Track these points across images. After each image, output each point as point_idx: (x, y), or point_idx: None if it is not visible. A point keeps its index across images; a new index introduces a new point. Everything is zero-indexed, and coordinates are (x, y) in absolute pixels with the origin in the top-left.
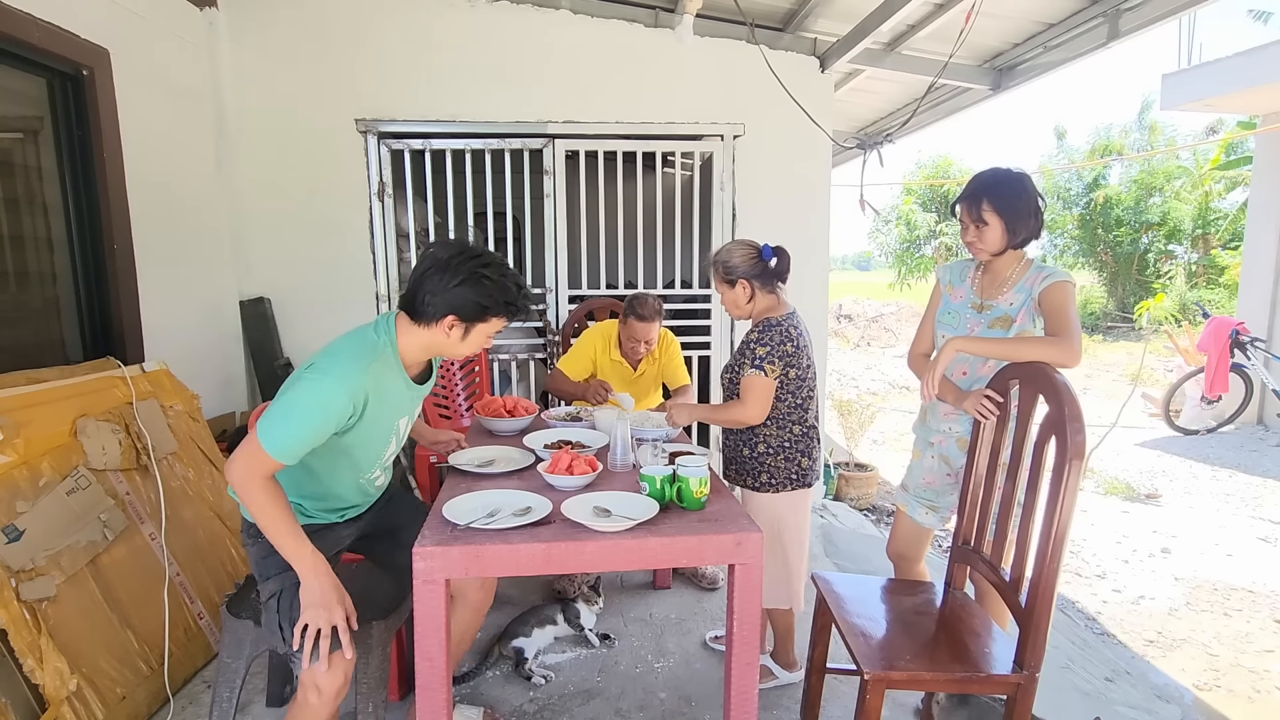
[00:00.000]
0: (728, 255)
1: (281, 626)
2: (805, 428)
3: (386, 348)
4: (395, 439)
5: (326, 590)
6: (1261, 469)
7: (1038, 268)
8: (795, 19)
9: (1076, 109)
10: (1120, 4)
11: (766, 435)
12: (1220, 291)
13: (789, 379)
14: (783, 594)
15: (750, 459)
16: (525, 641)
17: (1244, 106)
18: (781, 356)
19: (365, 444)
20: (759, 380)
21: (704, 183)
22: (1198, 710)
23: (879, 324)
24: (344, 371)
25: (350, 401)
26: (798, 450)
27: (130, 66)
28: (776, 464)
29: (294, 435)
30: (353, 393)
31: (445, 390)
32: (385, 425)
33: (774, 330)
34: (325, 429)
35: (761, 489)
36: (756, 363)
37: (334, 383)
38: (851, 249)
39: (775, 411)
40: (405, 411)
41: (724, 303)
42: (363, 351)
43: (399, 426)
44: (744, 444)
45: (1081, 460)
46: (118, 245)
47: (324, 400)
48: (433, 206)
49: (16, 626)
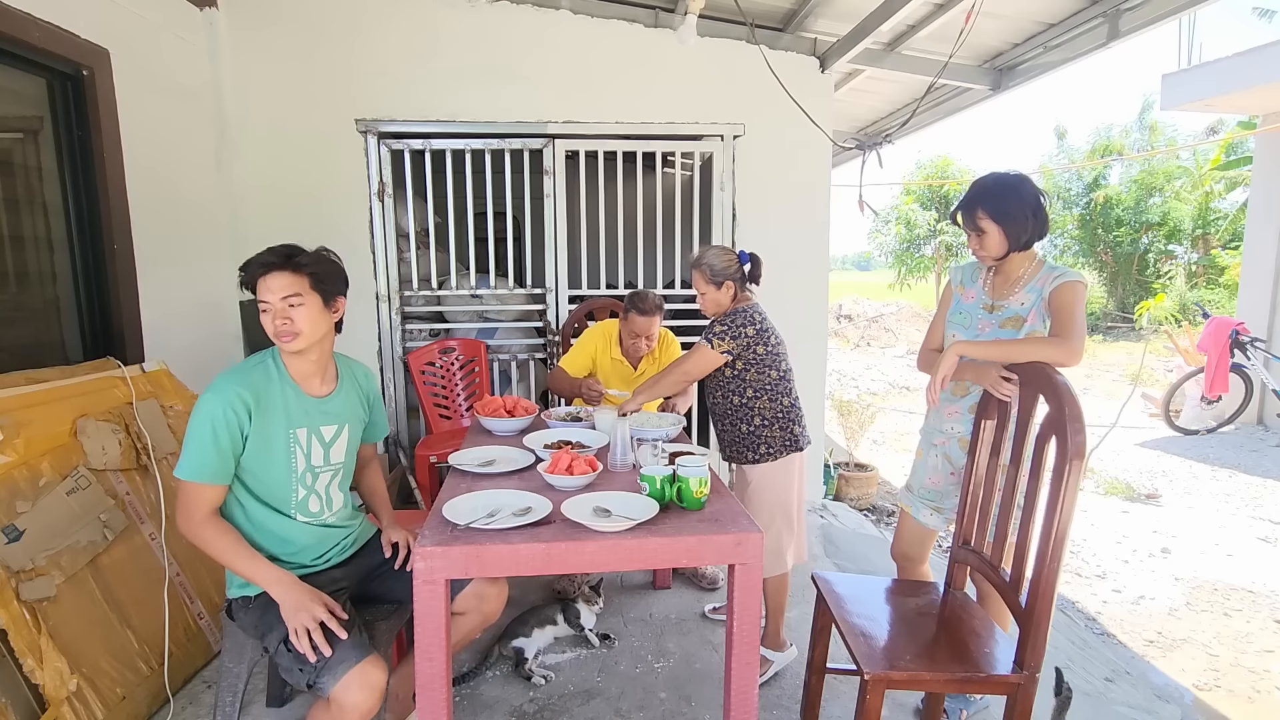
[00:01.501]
0: (714, 259)
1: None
2: (792, 399)
3: (267, 359)
4: (301, 452)
5: (297, 595)
6: (1261, 469)
7: (1050, 268)
8: (795, 19)
9: (1076, 109)
10: (1120, 4)
11: (761, 408)
12: (1220, 291)
13: (758, 355)
14: (787, 557)
15: (748, 434)
16: (525, 641)
17: (1244, 106)
18: (737, 337)
19: (266, 462)
20: (704, 349)
21: (704, 183)
22: (1198, 710)
23: (879, 324)
24: (218, 384)
25: (228, 406)
26: (790, 419)
27: (130, 66)
28: (772, 434)
29: (192, 453)
30: (228, 399)
31: (445, 390)
32: (278, 436)
33: (736, 315)
34: (219, 440)
35: (761, 460)
36: (708, 337)
37: (211, 395)
38: (851, 249)
39: (766, 382)
40: (301, 423)
41: (704, 302)
42: (240, 367)
43: (298, 437)
44: (741, 420)
45: (1082, 460)
46: (118, 245)
47: (205, 412)
48: (433, 206)
49: (16, 626)
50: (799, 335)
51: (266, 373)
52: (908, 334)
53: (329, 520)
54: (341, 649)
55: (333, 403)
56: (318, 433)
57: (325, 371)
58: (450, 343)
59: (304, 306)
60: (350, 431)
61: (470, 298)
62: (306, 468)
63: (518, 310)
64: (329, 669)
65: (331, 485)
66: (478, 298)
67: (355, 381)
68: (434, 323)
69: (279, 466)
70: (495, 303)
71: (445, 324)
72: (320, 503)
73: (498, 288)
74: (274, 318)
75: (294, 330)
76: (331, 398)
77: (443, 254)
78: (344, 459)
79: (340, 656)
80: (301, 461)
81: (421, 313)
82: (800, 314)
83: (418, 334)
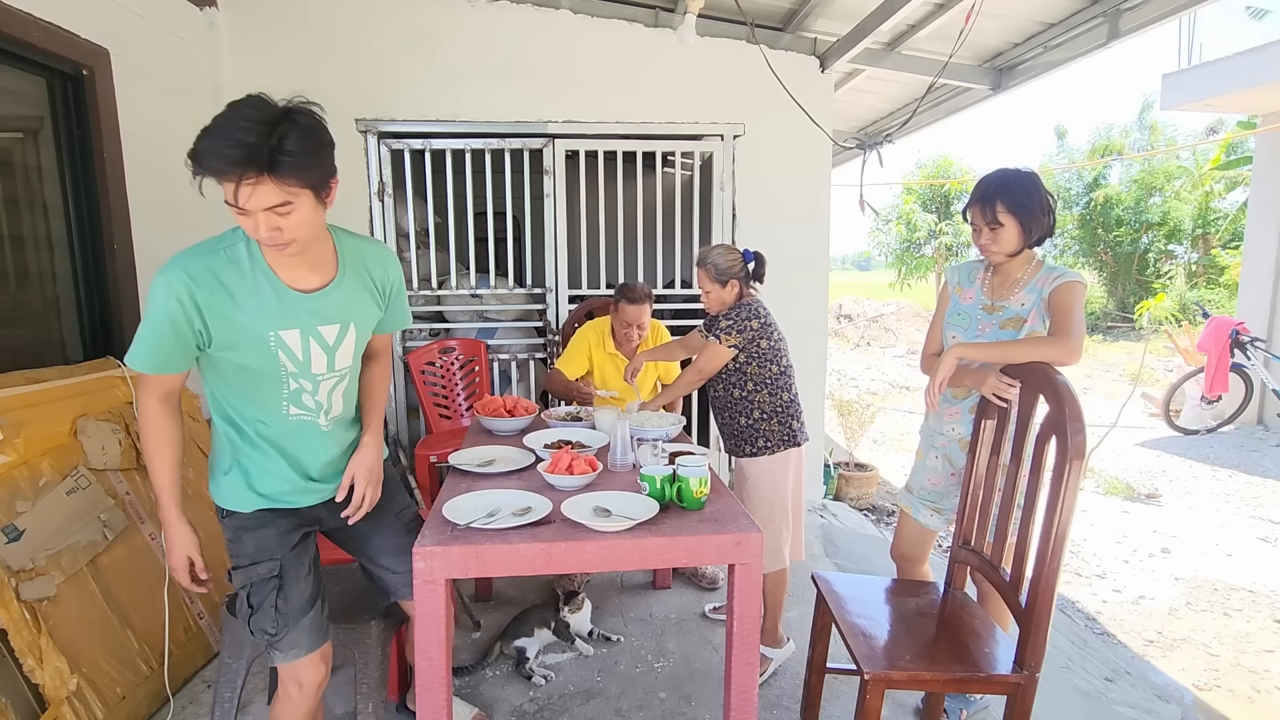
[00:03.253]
0: (718, 258)
1: (250, 624)
2: (792, 395)
3: (238, 240)
4: (287, 357)
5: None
6: (1261, 469)
7: (1049, 268)
8: (795, 19)
9: (1076, 109)
10: (1120, 4)
11: (760, 402)
12: (1220, 291)
13: (761, 350)
14: (785, 554)
15: (746, 427)
16: (527, 641)
17: (1244, 106)
18: (743, 330)
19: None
20: (713, 345)
21: (704, 183)
22: (1198, 710)
23: (879, 324)
24: (169, 266)
25: (172, 295)
26: (789, 414)
27: (130, 66)
28: (771, 428)
29: (138, 338)
30: (172, 287)
31: (445, 390)
32: (252, 338)
33: (740, 309)
34: (161, 330)
35: (758, 454)
36: (716, 331)
37: (159, 279)
38: (851, 249)
39: (767, 376)
40: (288, 323)
41: (709, 300)
42: (200, 248)
43: (285, 341)
44: (740, 414)
45: (1082, 460)
46: (118, 245)
47: (152, 298)
48: (433, 206)
49: (16, 626)
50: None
51: (234, 259)
52: (908, 334)
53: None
54: (299, 630)
55: (328, 298)
56: (316, 334)
57: (318, 259)
58: (450, 342)
59: (296, 211)
60: (358, 330)
61: (470, 298)
62: (302, 373)
63: (518, 310)
64: (284, 643)
65: (335, 391)
66: (478, 298)
67: (363, 270)
68: (434, 323)
69: (258, 372)
70: (495, 303)
71: (445, 324)
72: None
73: (498, 288)
74: (259, 226)
75: (287, 239)
76: (326, 292)
77: (443, 254)
78: (350, 363)
79: (294, 640)
80: (291, 366)
81: (421, 313)
82: (800, 313)
83: (418, 334)
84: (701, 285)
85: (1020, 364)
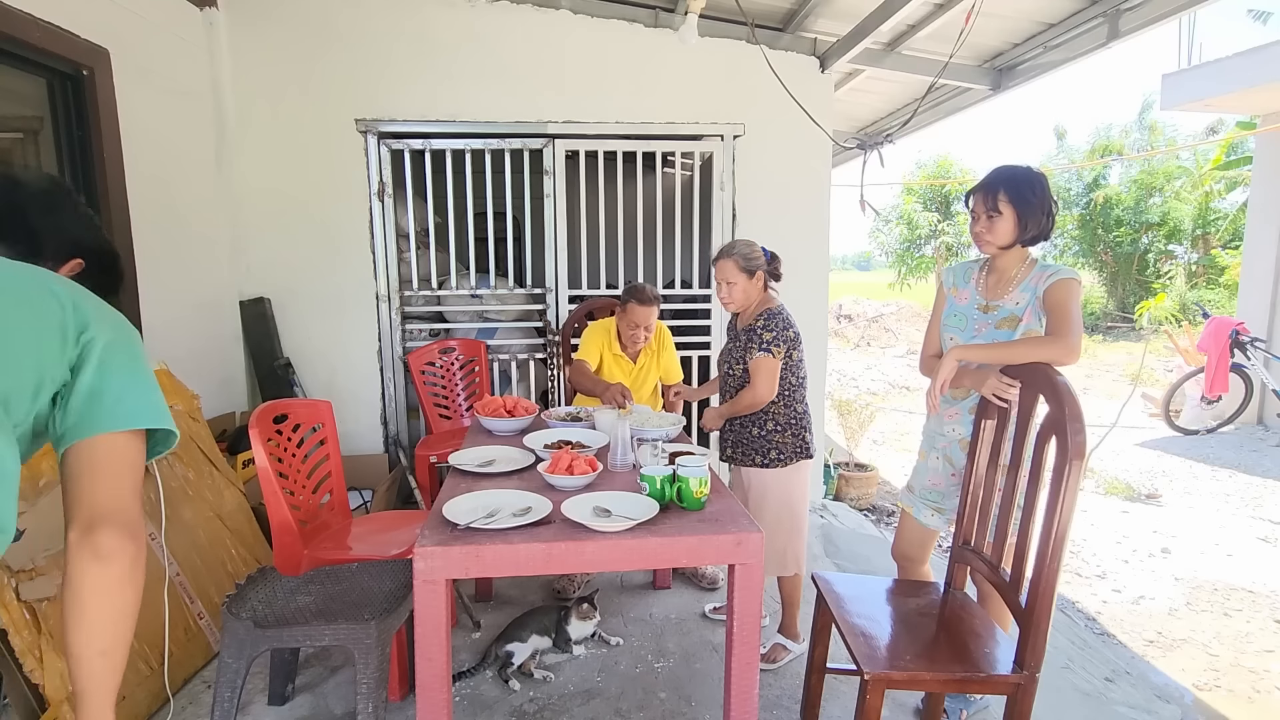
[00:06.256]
0: (746, 249)
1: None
2: (804, 406)
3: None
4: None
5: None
6: (1261, 469)
7: (1043, 266)
8: (795, 19)
9: (1076, 109)
10: (1120, 4)
11: (776, 413)
12: (1220, 291)
13: (792, 360)
14: (793, 561)
15: (760, 437)
16: (518, 646)
17: (1244, 106)
18: (785, 341)
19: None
20: (767, 361)
21: (704, 183)
22: (1198, 710)
23: (879, 324)
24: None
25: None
26: (803, 426)
27: (130, 66)
28: (785, 440)
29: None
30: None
31: (445, 390)
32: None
33: (778, 318)
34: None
35: (771, 465)
36: (764, 346)
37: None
38: (851, 249)
39: (785, 388)
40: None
41: (734, 293)
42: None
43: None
44: (754, 423)
45: (1082, 460)
46: (118, 245)
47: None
48: (433, 206)
49: (16, 626)
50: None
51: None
52: (908, 334)
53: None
54: None
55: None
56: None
57: None
58: (450, 343)
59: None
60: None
61: (470, 298)
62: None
63: (518, 310)
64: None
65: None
66: (478, 298)
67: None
68: (434, 323)
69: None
70: (495, 303)
71: (445, 324)
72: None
73: (498, 288)
74: None
75: None
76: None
77: (443, 254)
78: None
79: None
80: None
81: (421, 313)
82: (801, 314)
83: (418, 334)
84: (727, 277)
85: (1020, 364)
